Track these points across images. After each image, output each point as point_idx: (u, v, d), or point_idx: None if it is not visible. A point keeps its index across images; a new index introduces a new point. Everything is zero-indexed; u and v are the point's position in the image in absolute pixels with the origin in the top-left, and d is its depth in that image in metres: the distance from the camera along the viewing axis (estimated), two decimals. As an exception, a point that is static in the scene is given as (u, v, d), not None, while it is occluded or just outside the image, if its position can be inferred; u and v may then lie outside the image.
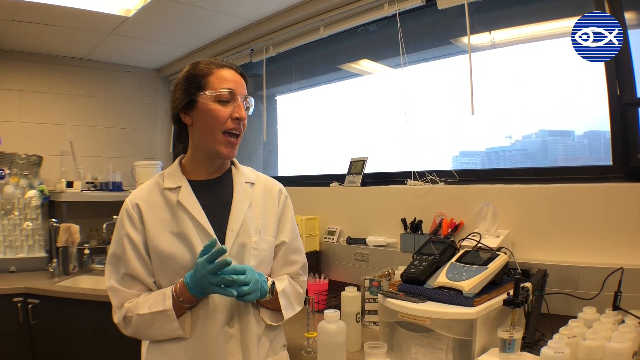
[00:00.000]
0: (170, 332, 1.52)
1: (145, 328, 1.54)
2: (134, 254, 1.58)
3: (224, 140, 1.58)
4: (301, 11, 3.41)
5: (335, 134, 3.88)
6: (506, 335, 1.55)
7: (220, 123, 1.56)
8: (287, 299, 1.67)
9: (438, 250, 2.01)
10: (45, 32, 3.86)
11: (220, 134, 1.57)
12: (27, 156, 4.14)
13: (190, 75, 1.61)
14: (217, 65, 1.61)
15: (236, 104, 1.58)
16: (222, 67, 1.61)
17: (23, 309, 3.26)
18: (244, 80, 1.65)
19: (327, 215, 3.24)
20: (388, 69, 3.42)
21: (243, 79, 1.65)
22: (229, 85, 1.57)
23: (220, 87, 1.57)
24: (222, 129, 1.57)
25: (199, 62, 1.63)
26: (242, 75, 1.66)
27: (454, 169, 2.68)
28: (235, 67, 1.65)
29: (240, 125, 1.59)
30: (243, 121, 1.59)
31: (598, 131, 2.45)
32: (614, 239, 2.00)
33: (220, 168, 1.71)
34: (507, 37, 2.75)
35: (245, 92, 1.63)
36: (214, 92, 1.56)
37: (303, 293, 1.79)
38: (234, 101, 1.57)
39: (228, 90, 1.57)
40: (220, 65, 1.61)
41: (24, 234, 4.01)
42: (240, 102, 1.58)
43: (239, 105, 1.58)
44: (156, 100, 5.23)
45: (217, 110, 1.56)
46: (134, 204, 1.62)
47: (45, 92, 4.49)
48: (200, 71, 1.60)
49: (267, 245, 1.69)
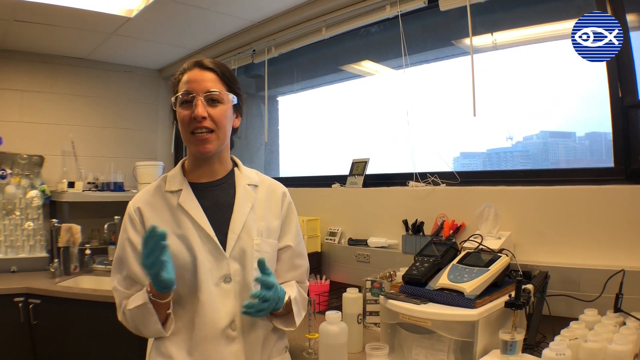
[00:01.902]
0: (154, 326, 1.53)
1: (136, 322, 1.56)
2: (134, 256, 1.59)
3: (193, 139, 1.59)
4: (303, 12, 3.41)
5: (337, 135, 3.88)
6: (507, 337, 1.55)
7: (185, 126, 1.58)
8: (297, 306, 1.68)
9: (439, 251, 2.01)
10: (48, 32, 3.86)
11: (189, 135, 1.58)
12: (28, 156, 4.14)
13: (171, 82, 1.67)
14: (186, 69, 1.62)
15: (194, 102, 1.55)
16: (189, 69, 1.62)
17: (24, 309, 3.26)
18: (214, 73, 1.61)
19: (328, 216, 3.24)
20: (390, 70, 3.42)
21: (213, 72, 1.61)
22: (186, 87, 1.57)
23: (180, 91, 1.58)
24: (188, 130, 1.58)
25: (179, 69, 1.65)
26: (212, 68, 1.62)
27: (455, 171, 2.68)
28: (204, 62, 1.62)
29: (202, 123, 1.56)
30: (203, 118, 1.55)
31: (599, 132, 2.45)
32: (615, 241, 2.01)
33: (220, 170, 1.72)
34: (509, 38, 2.75)
35: (209, 86, 1.58)
36: (177, 98, 1.58)
37: (307, 298, 1.81)
38: (193, 101, 1.56)
39: (184, 92, 1.57)
40: (187, 68, 1.62)
41: (25, 234, 4.01)
42: (198, 100, 1.55)
43: (195, 104, 1.55)
44: (158, 101, 5.23)
45: (180, 114, 1.58)
46: (135, 207, 1.64)
47: (47, 92, 4.49)
48: (175, 78, 1.65)
49: (270, 247, 1.69)
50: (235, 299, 1.59)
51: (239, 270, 1.61)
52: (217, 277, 1.58)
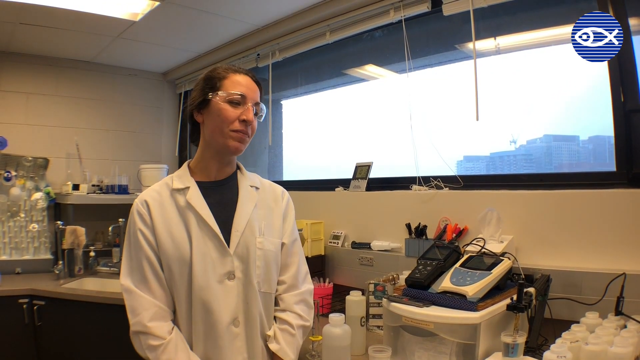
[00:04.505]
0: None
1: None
2: (148, 247, 1.60)
3: (233, 135, 1.63)
4: (307, 17, 3.43)
5: (341, 138, 3.89)
6: (509, 339, 1.56)
7: (228, 122, 1.62)
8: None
9: (442, 255, 2.01)
10: (53, 35, 3.89)
11: (229, 131, 1.63)
12: (33, 158, 4.16)
13: (207, 77, 1.70)
14: (233, 71, 1.69)
15: (246, 107, 1.63)
16: (238, 72, 1.70)
17: (28, 310, 3.27)
18: (258, 88, 1.73)
19: (332, 219, 3.25)
20: (393, 74, 3.43)
21: (258, 87, 1.73)
22: (241, 90, 1.64)
23: (232, 90, 1.64)
24: (229, 128, 1.63)
25: (218, 67, 1.72)
26: (257, 83, 1.73)
27: (458, 175, 2.69)
28: (252, 74, 1.73)
29: (248, 128, 1.65)
30: (251, 124, 1.65)
31: (603, 136, 2.45)
32: (616, 244, 2.01)
33: (227, 170, 1.76)
34: (512, 43, 2.76)
35: (257, 98, 1.70)
36: (226, 94, 1.63)
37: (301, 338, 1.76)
38: (244, 104, 1.64)
39: (239, 94, 1.63)
40: (236, 71, 1.70)
41: (30, 236, 4.03)
42: (250, 107, 1.64)
43: (248, 109, 1.63)
44: (162, 104, 5.25)
45: (227, 110, 1.62)
46: (143, 201, 1.65)
47: (52, 95, 4.51)
48: (217, 74, 1.68)
49: (273, 245, 1.72)
50: (238, 296, 1.61)
51: (242, 268, 1.63)
52: (221, 274, 1.60)
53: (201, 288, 1.57)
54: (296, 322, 1.72)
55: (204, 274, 1.57)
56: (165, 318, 1.57)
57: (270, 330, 1.69)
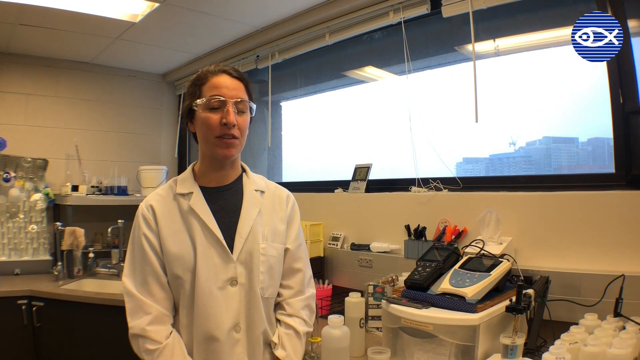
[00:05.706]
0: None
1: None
2: (152, 252, 1.59)
3: (220, 143, 1.61)
4: (307, 18, 3.43)
5: (340, 140, 3.89)
6: (508, 341, 1.56)
7: (212, 130, 1.60)
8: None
9: (441, 256, 2.02)
10: (52, 36, 3.89)
11: (214, 139, 1.61)
12: (32, 159, 4.16)
13: (191, 83, 1.68)
14: (212, 73, 1.65)
15: (225, 109, 1.59)
16: (216, 74, 1.65)
17: (27, 311, 3.27)
18: (242, 82, 1.67)
19: (331, 221, 3.25)
20: (393, 75, 3.43)
21: (240, 81, 1.67)
22: (218, 92, 1.60)
23: (209, 94, 1.60)
24: (214, 135, 1.60)
25: (200, 71, 1.68)
26: (240, 78, 1.68)
27: (457, 176, 2.69)
28: (231, 70, 1.67)
29: (233, 130, 1.60)
30: (234, 125, 1.60)
31: (602, 138, 2.45)
32: (615, 246, 2.01)
33: (231, 175, 1.74)
34: (511, 44, 2.76)
35: (239, 95, 1.64)
36: (203, 101, 1.60)
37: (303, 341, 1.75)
38: (223, 107, 1.60)
39: (217, 97, 1.60)
40: (214, 73, 1.65)
41: (29, 237, 4.03)
42: (229, 108, 1.59)
43: (226, 111, 1.59)
44: (161, 105, 5.26)
45: (209, 118, 1.60)
46: (148, 205, 1.65)
47: (51, 96, 4.52)
48: (198, 80, 1.66)
49: (276, 251, 1.71)
50: (240, 302, 1.61)
51: (245, 274, 1.62)
52: (224, 280, 1.59)
53: (203, 294, 1.56)
54: (302, 328, 1.72)
55: (207, 280, 1.57)
56: (164, 322, 1.57)
57: (274, 336, 1.68)
